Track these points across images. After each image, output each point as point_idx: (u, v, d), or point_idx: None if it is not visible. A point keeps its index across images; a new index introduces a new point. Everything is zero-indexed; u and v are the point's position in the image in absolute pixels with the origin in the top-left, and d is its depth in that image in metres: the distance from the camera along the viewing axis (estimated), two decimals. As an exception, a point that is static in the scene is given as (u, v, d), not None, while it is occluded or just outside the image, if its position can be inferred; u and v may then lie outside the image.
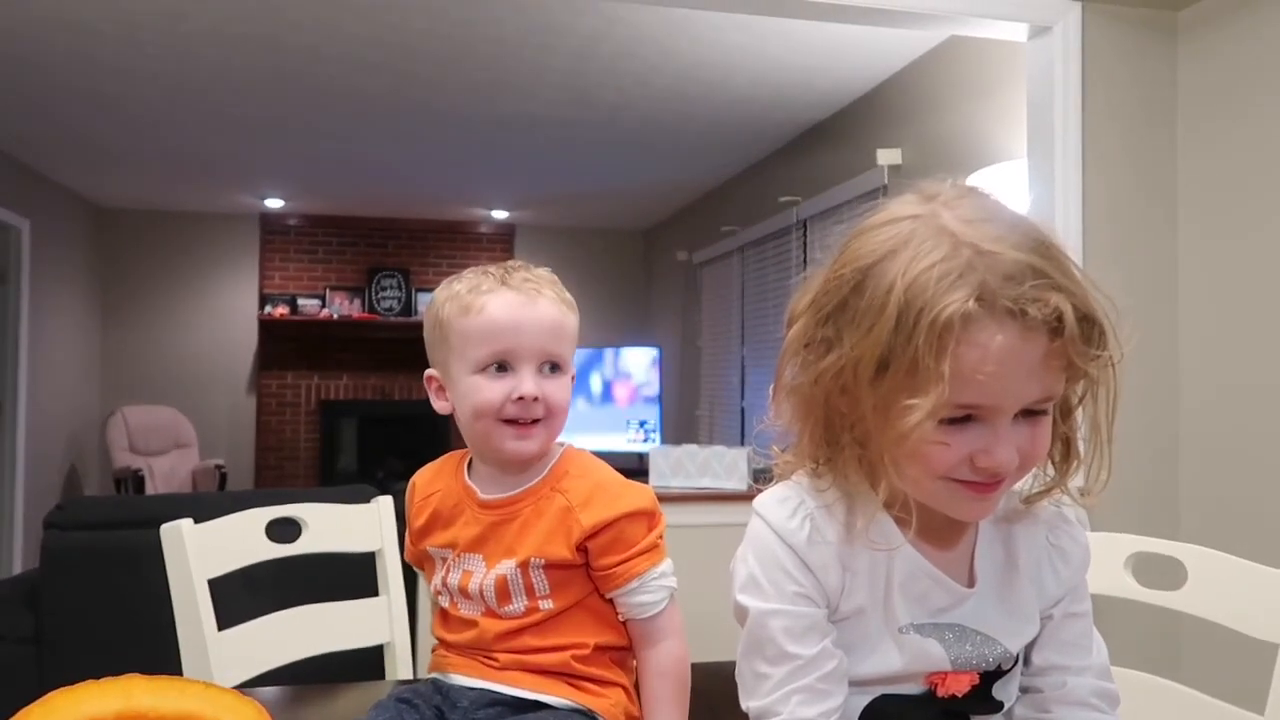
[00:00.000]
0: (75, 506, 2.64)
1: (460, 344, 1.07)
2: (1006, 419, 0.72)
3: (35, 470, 5.78)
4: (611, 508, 1.05)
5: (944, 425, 0.72)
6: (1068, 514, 0.86)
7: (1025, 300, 0.68)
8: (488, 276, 1.09)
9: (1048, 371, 0.71)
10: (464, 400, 1.07)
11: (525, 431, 1.06)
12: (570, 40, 3.68)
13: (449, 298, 1.09)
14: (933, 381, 0.69)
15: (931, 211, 0.74)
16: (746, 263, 5.60)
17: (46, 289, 6.00)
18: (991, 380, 0.69)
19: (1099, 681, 0.84)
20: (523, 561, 1.05)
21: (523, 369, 1.06)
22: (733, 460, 3.75)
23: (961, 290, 0.69)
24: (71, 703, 0.66)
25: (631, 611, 1.06)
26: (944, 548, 0.82)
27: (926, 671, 0.80)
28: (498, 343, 1.05)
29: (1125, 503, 2.49)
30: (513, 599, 1.06)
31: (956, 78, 3.55)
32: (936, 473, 0.74)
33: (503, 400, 1.05)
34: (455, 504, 1.11)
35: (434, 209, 7.16)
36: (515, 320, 1.06)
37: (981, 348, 0.69)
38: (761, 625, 0.78)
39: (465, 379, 1.07)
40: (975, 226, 0.72)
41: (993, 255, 0.70)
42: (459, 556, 1.10)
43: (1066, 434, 0.80)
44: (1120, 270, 2.60)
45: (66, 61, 3.93)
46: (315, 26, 3.57)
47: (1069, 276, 0.71)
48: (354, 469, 7.33)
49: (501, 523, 1.08)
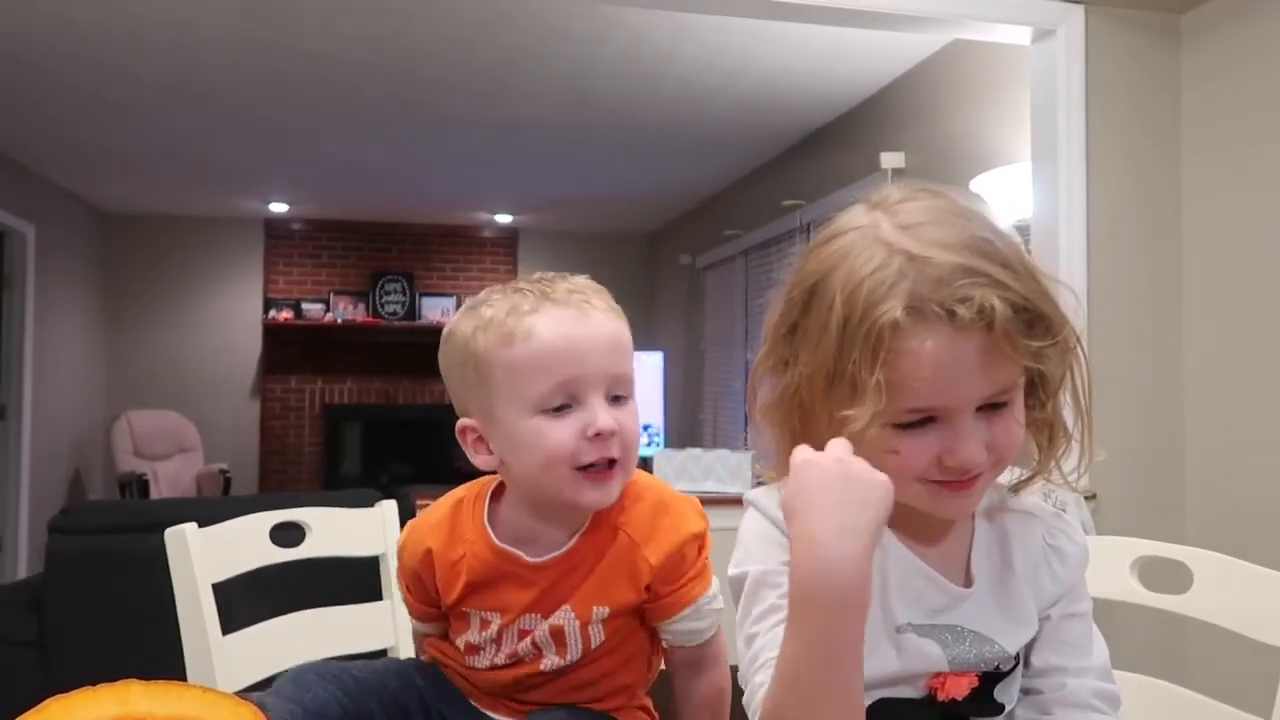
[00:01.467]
0: (79, 511, 2.64)
1: (508, 381, 0.89)
2: (965, 416, 0.73)
3: (40, 474, 5.79)
4: (675, 534, 0.94)
5: (901, 430, 0.73)
6: (1066, 514, 0.86)
7: (952, 301, 0.69)
8: (523, 294, 0.91)
9: (992, 366, 0.71)
10: (525, 450, 0.89)
11: (604, 477, 0.90)
12: (573, 45, 3.68)
13: (481, 326, 0.91)
14: (869, 392, 0.70)
15: (872, 221, 0.76)
16: (750, 267, 5.60)
17: (51, 294, 6.01)
18: (932, 384, 0.71)
19: (1099, 683, 0.84)
20: (583, 614, 0.93)
21: (590, 399, 0.89)
22: (736, 464, 3.75)
23: (891, 300, 0.70)
24: (67, 710, 0.66)
25: (679, 639, 0.97)
26: (934, 545, 0.82)
27: (925, 673, 0.80)
28: (558, 372, 0.88)
29: (1131, 507, 2.48)
30: (568, 650, 0.95)
31: (960, 81, 3.55)
32: (907, 478, 0.74)
33: (577, 441, 0.88)
34: (493, 571, 0.96)
35: (438, 213, 7.17)
36: (572, 341, 0.88)
37: (913, 355, 0.70)
38: (755, 587, 0.78)
39: (522, 423, 0.89)
40: (910, 232, 0.73)
41: (923, 260, 0.71)
42: (515, 620, 0.95)
43: (1050, 419, 0.80)
44: (1124, 271, 2.59)
45: (72, 67, 3.94)
46: (319, 32, 3.58)
47: (1009, 270, 0.71)
48: (358, 473, 7.33)
49: (559, 579, 0.94)
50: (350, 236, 7.47)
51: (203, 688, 0.71)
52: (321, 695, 0.92)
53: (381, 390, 7.48)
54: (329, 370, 7.40)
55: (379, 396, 7.48)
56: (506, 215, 7.24)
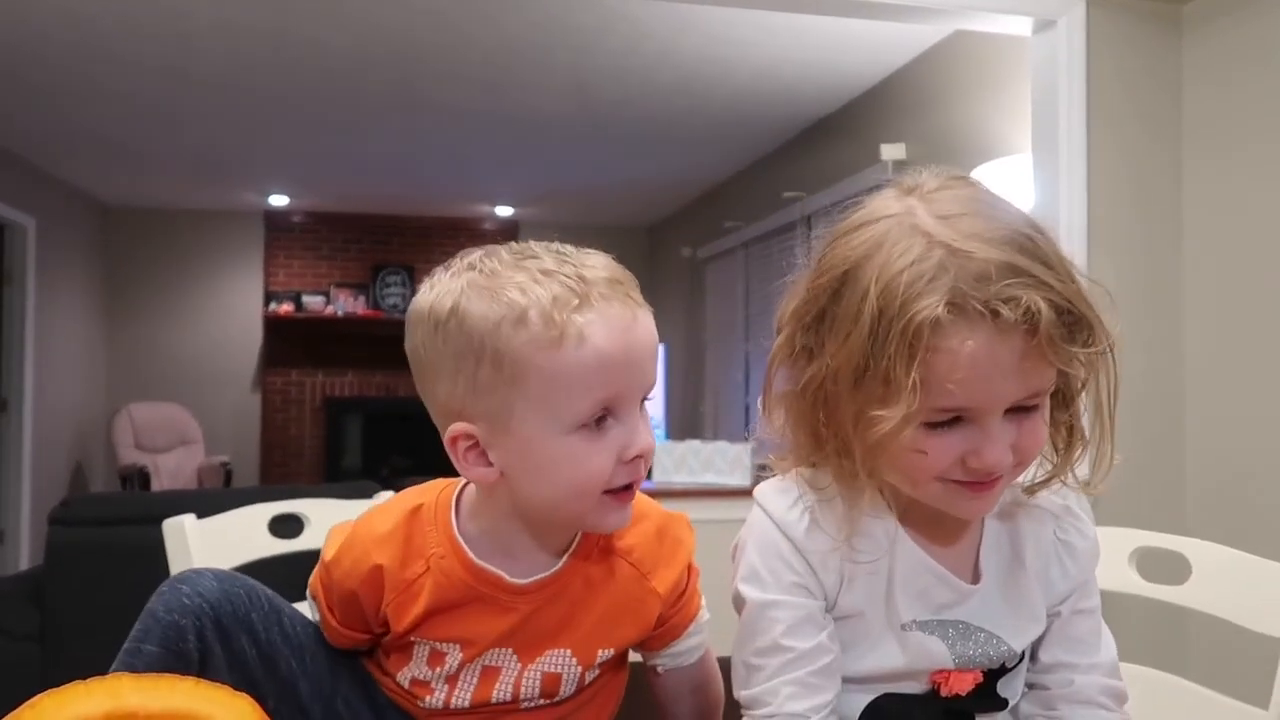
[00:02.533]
0: (81, 503, 2.65)
1: (545, 391, 0.73)
2: (995, 418, 0.70)
3: (41, 467, 5.80)
4: (678, 559, 0.86)
5: (929, 429, 0.71)
6: (1076, 509, 0.84)
7: (996, 301, 0.66)
8: (556, 280, 0.74)
9: (1030, 369, 0.69)
10: (551, 472, 0.75)
11: (627, 498, 0.79)
12: (574, 36, 3.67)
13: (510, 317, 0.73)
14: (902, 391, 0.68)
15: (907, 208, 0.72)
16: (751, 259, 5.59)
17: (52, 287, 6.01)
18: (967, 385, 0.68)
19: (1107, 679, 0.83)
20: (585, 656, 0.83)
21: (630, 416, 0.77)
22: (736, 456, 3.75)
23: (932, 295, 0.67)
24: (59, 704, 0.65)
25: (676, 661, 0.90)
26: (946, 543, 0.80)
27: (929, 670, 0.79)
28: (609, 387, 0.74)
29: (1131, 499, 2.48)
30: (560, 692, 0.84)
31: (961, 72, 3.54)
32: (928, 477, 0.73)
33: (615, 466, 0.76)
34: (463, 593, 0.81)
35: (438, 205, 7.16)
36: (627, 350, 0.75)
37: (952, 354, 0.67)
38: (758, 616, 0.78)
39: (555, 441, 0.74)
40: (950, 223, 0.70)
41: (966, 255, 0.68)
42: (478, 655, 0.82)
43: (1070, 422, 0.78)
44: (1125, 263, 2.59)
45: (71, 59, 3.93)
46: (319, 23, 3.57)
47: (1051, 270, 0.69)
48: (358, 466, 7.34)
49: (544, 606, 0.82)
50: (350, 229, 7.47)
51: (195, 680, 0.71)
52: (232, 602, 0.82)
53: (382, 383, 7.48)
54: (330, 363, 7.40)
55: (380, 389, 7.48)
56: (507, 207, 7.23)
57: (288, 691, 0.84)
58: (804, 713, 0.75)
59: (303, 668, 0.85)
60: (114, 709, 0.66)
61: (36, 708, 0.65)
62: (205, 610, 0.80)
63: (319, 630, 0.89)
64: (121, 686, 0.68)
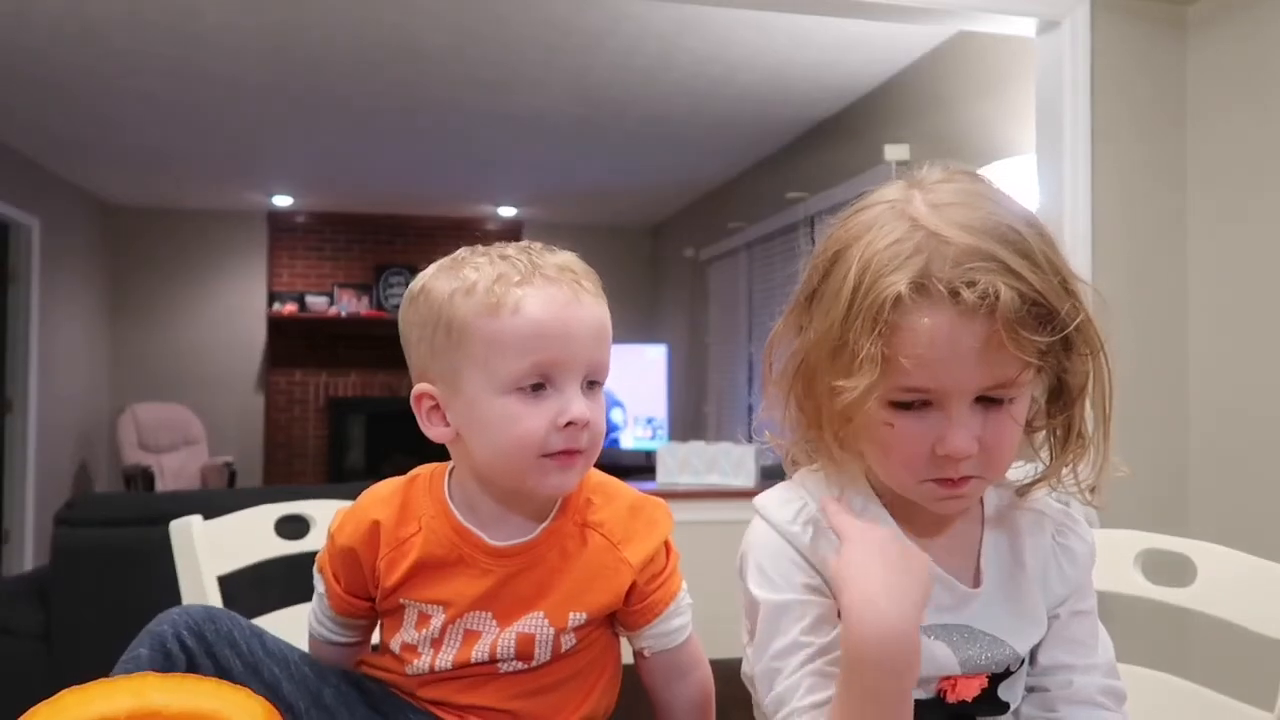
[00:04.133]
0: (85, 503, 2.65)
1: (485, 353, 0.83)
2: (961, 405, 0.71)
3: (46, 467, 5.81)
4: (651, 535, 0.91)
5: (897, 408, 0.72)
6: (1074, 513, 0.85)
7: (959, 283, 0.68)
8: (510, 263, 0.85)
9: (993, 357, 0.69)
10: (491, 429, 0.84)
11: (569, 462, 0.85)
12: (577, 37, 3.68)
13: (461, 289, 0.84)
14: (865, 363, 0.70)
15: (905, 196, 0.74)
16: (754, 259, 5.59)
17: (56, 287, 6.02)
18: (928, 364, 0.69)
19: (1106, 680, 0.83)
20: (557, 618, 0.88)
21: (567, 386, 0.84)
22: (740, 457, 3.75)
23: (902, 272, 0.69)
24: (82, 701, 0.66)
25: (661, 642, 0.93)
26: (946, 548, 0.81)
27: (935, 676, 0.79)
28: (540, 353, 0.83)
29: (1135, 501, 2.47)
30: (534, 658, 0.89)
31: (965, 73, 3.54)
32: (903, 465, 0.74)
33: (548, 429, 0.83)
34: (448, 552, 0.89)
35: (441, 206, 7.17)
36: (562, 323, 0.83)
37: (911, 331, 0.69)
38: (776, 618, 0.78)
39: (492, 401, 0.83)
40: (941, 211, 0.72)
41: (942, 239, 0.70)
42: (460, 616, 0.89)
43: (1068, 424, 0.78)
44: (1129, 265, 2.59)
45: (76, 59, 3.94)
46: (323, 24, 3.57)
47: (1028, 262, 0.69)
48: (362, 466, 7.35)
49: (520, 571, 0.89)
50: (354, 229, 7.48)
51: (216, 681, 0.72)
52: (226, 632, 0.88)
53: (385, 383, 7.49)
54: (333, 363, 7.41)
55: (383, 389, 7.49)
56: (510, 208, 7.24)
57: (273, 693, 0.89)
58: (825, 702, 0.75)
59: (286, 672, 0.91)
60: (137, 707, 0.67)
61: (59, 703, 0.66)
62: (189, 623, 0.86)
63: (304, 652, 0.96)
64: (145, 685, 0.69)
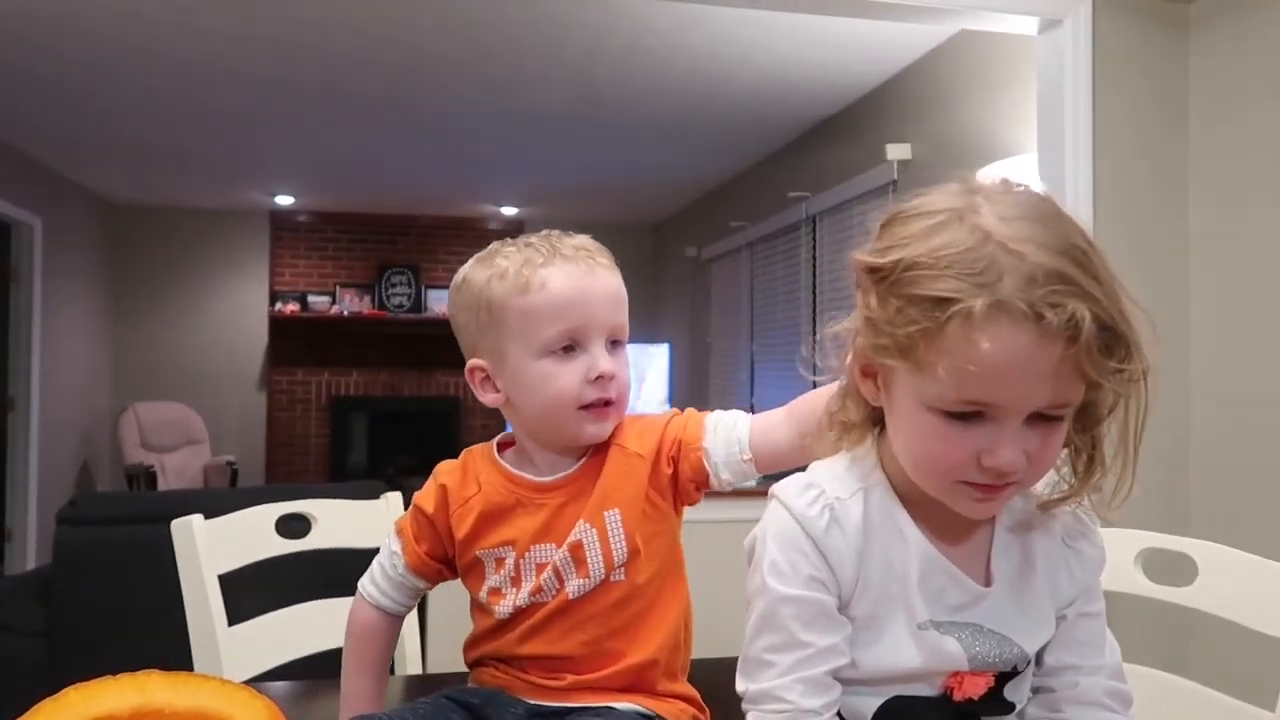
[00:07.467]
0: (87, 502, 2.66)
1: (521, 325, 0.98)
2: (1016, 420, 0.71)
3: (48, 466, 5.82)
4: (654, 426, 1.03)
5: (950, 419, 0.72)
6: (1084, 516, 0.85)
7: (1042, 304, 0.68)
8: (533, 249, 1.01)
9: (1061, 378, 0.70)
10: (533, 390, 0.99)
11: (603, 413, 1.00)
12: (579, 35, 3.68)
13: (495, 275, 1.00)
14: (931, 372, 0.70)
15: (970, 205, 0.74)
16: (755, 258, 5.59)
17: (58, 286, 6.03)
18: (997, 379, 0.69)
19: (1112, 682, 0.83)
20: (597, 521, 0.99)
21: (593, 346, 0.99)
22: (742, 456, 3.75)
23: (979, 287, 0.69)
24: (86, 698, 0.66)
25: (733, 456, 0.99)
26: (956, 543, 0.81)
27: (944, 671, 0.79)
28: (567, 320, 0.98)
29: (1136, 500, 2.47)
30: (588, 568, 0.98)
31: (966, 72, 3.54)
32: (941, 468, 0.74)
33: (580, 384, 0.98)
34: (505, 498, 1.02)
35: (443, 205, 7.17)
36: (581, 293, 0.98)
37: (990, 346, 0.68)
38: (775, 610, 0.78)
39: (532, 365, 0.98)
40: (1010, 224, 0.71)
41: (1019, 255, 0.69)
42: (527, 551, 1.01)
43: (1093, 443, 0.79)
44: (1131, 265, 2.56)
45: (77, 58, 3.95)
46: (325, 23, 3.57)
47: (1099, 284, 0.71)
48: (364, 465, 7.35)
49: (568, 501, 1.01)
50: (356, 229, 7.48)
51: (220, 680, 0.72)
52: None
53: (387, 382, 7.49)
54: (335, 362, 7.41)
55: (385, 389, 7.50)
56: (512, 207, 7.24)
57: None
58: (818, 709, 0.76)
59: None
60: (141, 705, 0.67)
61: (63, 700, 0.66)
62: None
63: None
64: (150, 683, 0.69)
